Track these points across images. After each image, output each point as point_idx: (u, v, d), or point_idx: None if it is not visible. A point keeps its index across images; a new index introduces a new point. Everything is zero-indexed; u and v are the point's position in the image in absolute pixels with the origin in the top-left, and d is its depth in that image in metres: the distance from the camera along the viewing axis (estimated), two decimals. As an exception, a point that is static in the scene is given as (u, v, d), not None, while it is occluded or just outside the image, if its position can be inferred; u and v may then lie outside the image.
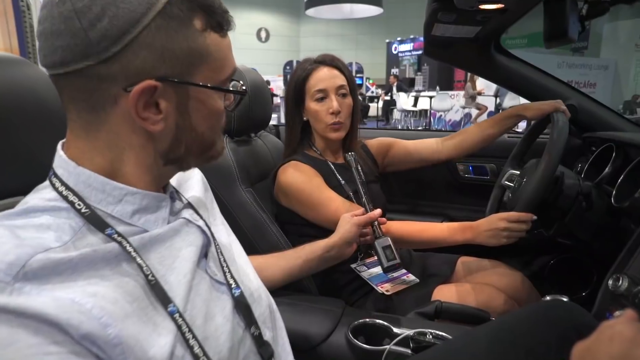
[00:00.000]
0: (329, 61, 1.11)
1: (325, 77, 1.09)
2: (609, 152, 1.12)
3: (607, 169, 1.08)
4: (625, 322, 0.36)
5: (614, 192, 0.95)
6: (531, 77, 1.30)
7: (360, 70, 13.67)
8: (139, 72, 0.41)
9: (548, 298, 0.77)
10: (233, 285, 0.53)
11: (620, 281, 0.71)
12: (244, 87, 0.51)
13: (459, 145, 1.24)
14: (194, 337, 0.43)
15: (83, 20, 0.39)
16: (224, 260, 0.54)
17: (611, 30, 9.31)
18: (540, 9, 0.90)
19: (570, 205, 0.97)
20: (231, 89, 0.49)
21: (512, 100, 7.17)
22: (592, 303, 0.77)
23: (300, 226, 1.10)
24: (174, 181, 0.58)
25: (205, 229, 0.53)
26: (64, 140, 0.47)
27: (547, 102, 1.13)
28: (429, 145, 1.27)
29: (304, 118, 1.14)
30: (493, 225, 0.93)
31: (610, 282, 0.73)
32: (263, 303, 0.58)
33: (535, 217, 0.92)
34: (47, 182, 0.45)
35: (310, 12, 8.85)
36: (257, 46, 15.47)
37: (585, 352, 0.36)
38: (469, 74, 9.20)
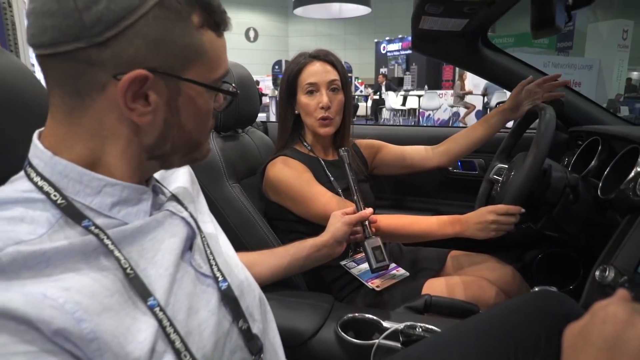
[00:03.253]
0: (323, 56, 1.11)
1: (317, 72, 1.08)
2: (595, 146, 1.13)
3: (593, 162, 1.09)
4: (618, 302, 0.34)
5: (600, 184, 0.95)
6: (518, 71, 1.30)
7: (349, 69, 13.70)
8: (130, 61, 0.40)
9: (537, 289, 0.77)
10: (220, 279, 0.51)
11: (607, 272, 0.71)
12: (235, 90, 0.51)
13: (447, 151, 1.25)
14: (176, 331, 0.42)
15: (79, 2, 0.38)
16: (211, 253, 0.53)
17: (595, 31, 9.50)
18: (527, 7, 0.90)
19: (557, 198, 0.97)
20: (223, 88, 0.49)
21: (500, 98, 7.25)
22: (580, 296, 0.77)
23: (289, 222, 1.09)
24: (157, 174, 0.56)
25: (190, 220, 0.52)
26: (40, 130, 0.45)
27: (516, 87, 1.15)
28: (418, 152, 1.27)
29: (296, 112, 1.13)
30: (482, 218, 0.93)
31: (597, 273, 0.73)
32: (252, 294, 0.57)
33: (523, 210, 0.92)
34: (22, 173, 0.43)
35: (298, 11, 8.80)
36: (245, 46, 15.39)
37: (578, 335, 0.35)
38: (457, 73, 9.29)
